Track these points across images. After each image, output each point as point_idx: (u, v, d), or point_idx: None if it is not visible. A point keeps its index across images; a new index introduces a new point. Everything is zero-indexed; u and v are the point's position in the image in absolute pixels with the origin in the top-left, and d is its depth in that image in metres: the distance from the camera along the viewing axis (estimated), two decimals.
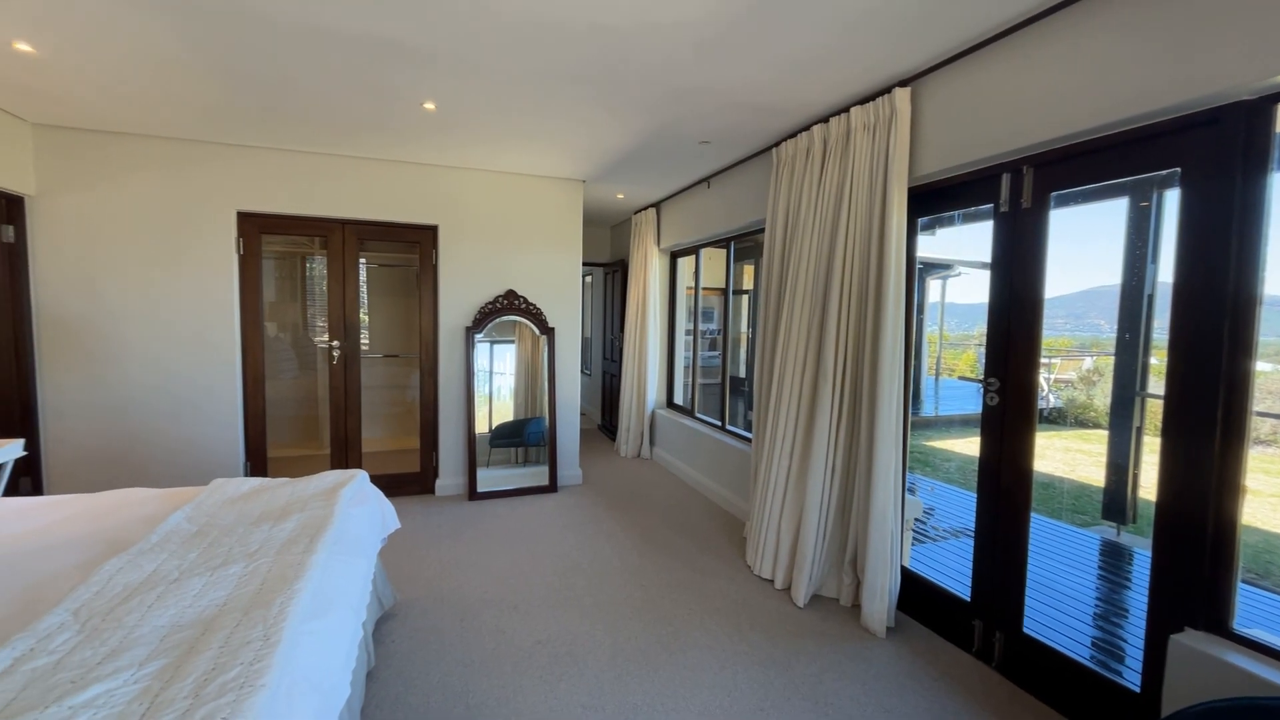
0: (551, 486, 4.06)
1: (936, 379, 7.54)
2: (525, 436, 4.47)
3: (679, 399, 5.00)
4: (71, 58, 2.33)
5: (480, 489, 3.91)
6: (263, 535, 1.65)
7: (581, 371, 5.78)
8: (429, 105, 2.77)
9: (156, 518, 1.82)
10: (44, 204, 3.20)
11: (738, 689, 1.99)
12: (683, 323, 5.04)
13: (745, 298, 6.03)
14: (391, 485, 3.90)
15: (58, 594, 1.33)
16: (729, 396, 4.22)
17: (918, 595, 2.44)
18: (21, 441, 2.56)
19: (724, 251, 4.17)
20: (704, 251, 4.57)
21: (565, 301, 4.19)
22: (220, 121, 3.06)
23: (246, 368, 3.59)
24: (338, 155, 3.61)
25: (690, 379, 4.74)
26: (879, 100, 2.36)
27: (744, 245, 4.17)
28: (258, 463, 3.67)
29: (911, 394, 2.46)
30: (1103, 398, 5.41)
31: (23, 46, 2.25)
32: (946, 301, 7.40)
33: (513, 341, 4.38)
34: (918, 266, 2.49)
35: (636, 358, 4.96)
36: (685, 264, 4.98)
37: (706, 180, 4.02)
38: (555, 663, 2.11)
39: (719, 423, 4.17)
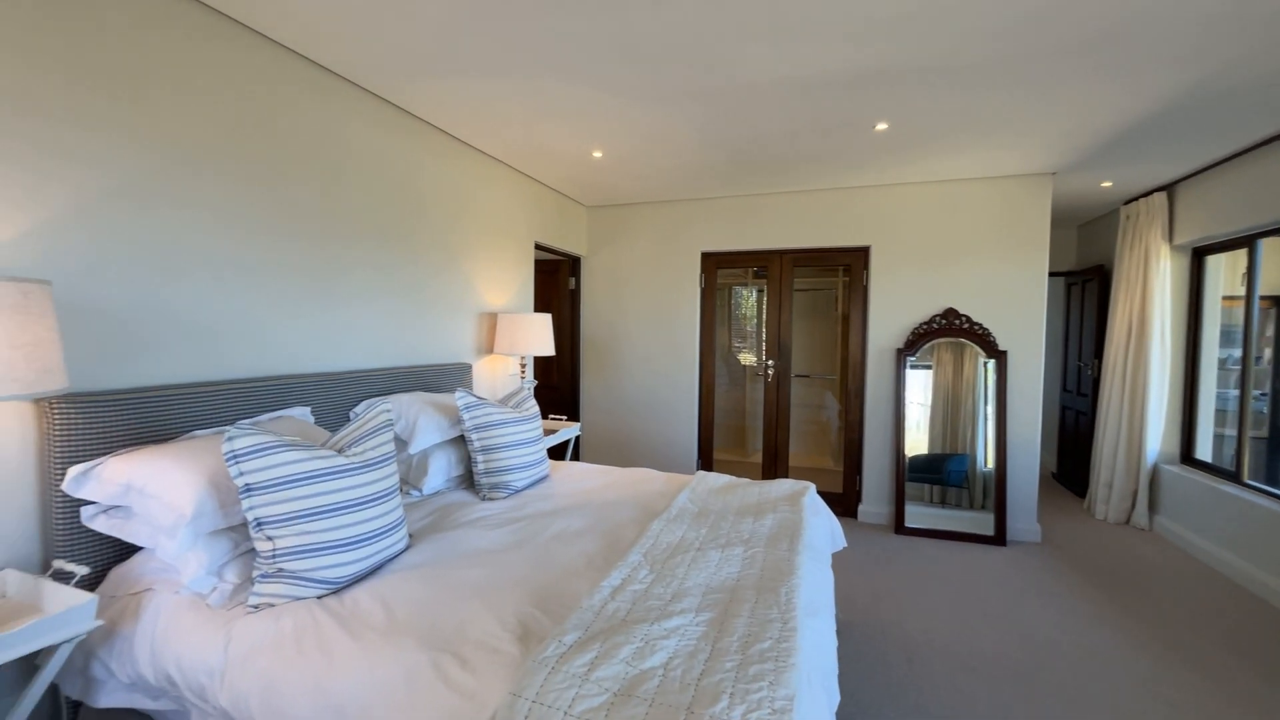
0: (998, 539, 3.44)
1: None
2: (944, 474, 3.95)
3: (1204, 454, 3.55)
4: (619, 155, 3.26)
5: (908, 523, 3.63)
6: (749, 526, 1.88)
7: None
8: (881, 126, 2.75)
9: (667, 494, 2.31)
10: (590, 261, 4.59)
11: None
12: (1213, 348, 3.57)
13: None
14: None
15: (627, 538, 1.81)
16: None
17: None
18: (579, 424, 3.70)
19: None
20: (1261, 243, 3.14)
21: (1023, 320, 3.53)
22: (694, 181, 3.78)
23: (702, 381, 4.31)
24: (779, 192, 3.99)
25: (1238, 429, 3.26)
26: None
27: None
28: (706, 461, 4.34)
29: None
30: None
31: (596, 154, 3.27)
32: None
33: (928, 366, 3.94)
34: None
35: (1127, 392, 3.77)
36: (1221, 264, 3.54)
37: None
38: None
39: None
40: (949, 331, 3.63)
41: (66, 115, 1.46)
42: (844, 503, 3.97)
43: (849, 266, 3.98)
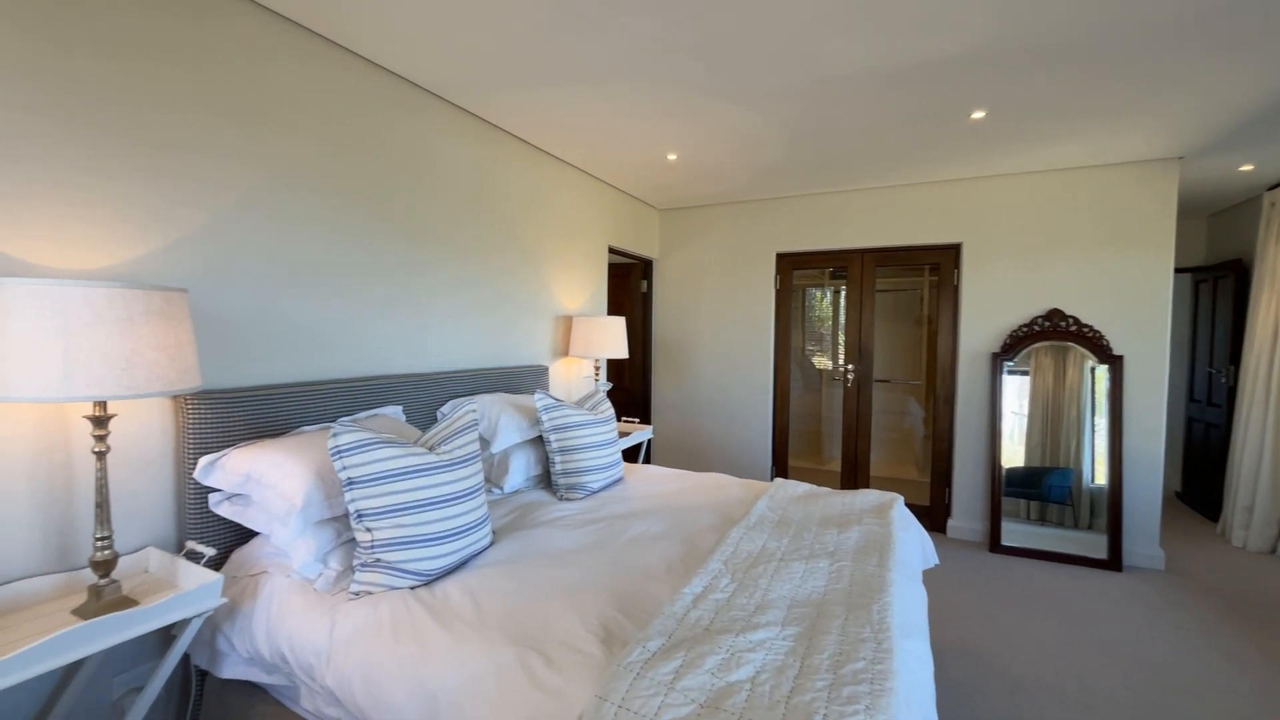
0: (1113, 563, 3.11)
1: None
2: (1044, 489, 3.61)
3: None
4: (693, 156, 3.23)
5: (1004, 541, 3.36)
6: (833, 538, 1.79)
7: None
8: (977, 114, 2.57)
9: (744, 501, 2.26)
10: (662, 264, 4.59)
11: None
12: None
13: None
14: None
15: (706, 544, 1.78)
16: None
17: None
18: (651, 427, 3.70)
19: None
20: None
21: (1143, 321, 3.18)
22: (769, 180, 3.69)
23: (777, 385, 4.20)
24: (861, 189, 3.82)
25: None
26: None
27: None
28: (781, 467, 4.22)
29: None
30: None
31: (671, 156, 3.26)
32: None
33: (1025, 372, 3.62)
34: None
35: (1272, 403, 3.31)
36: None
37: None
38: None
39: None
40: (1054, 334, 3.33)
41: (199, 143, 1.62)
42: (931, 516, 3.73)
43: (937, 265, 3.75)
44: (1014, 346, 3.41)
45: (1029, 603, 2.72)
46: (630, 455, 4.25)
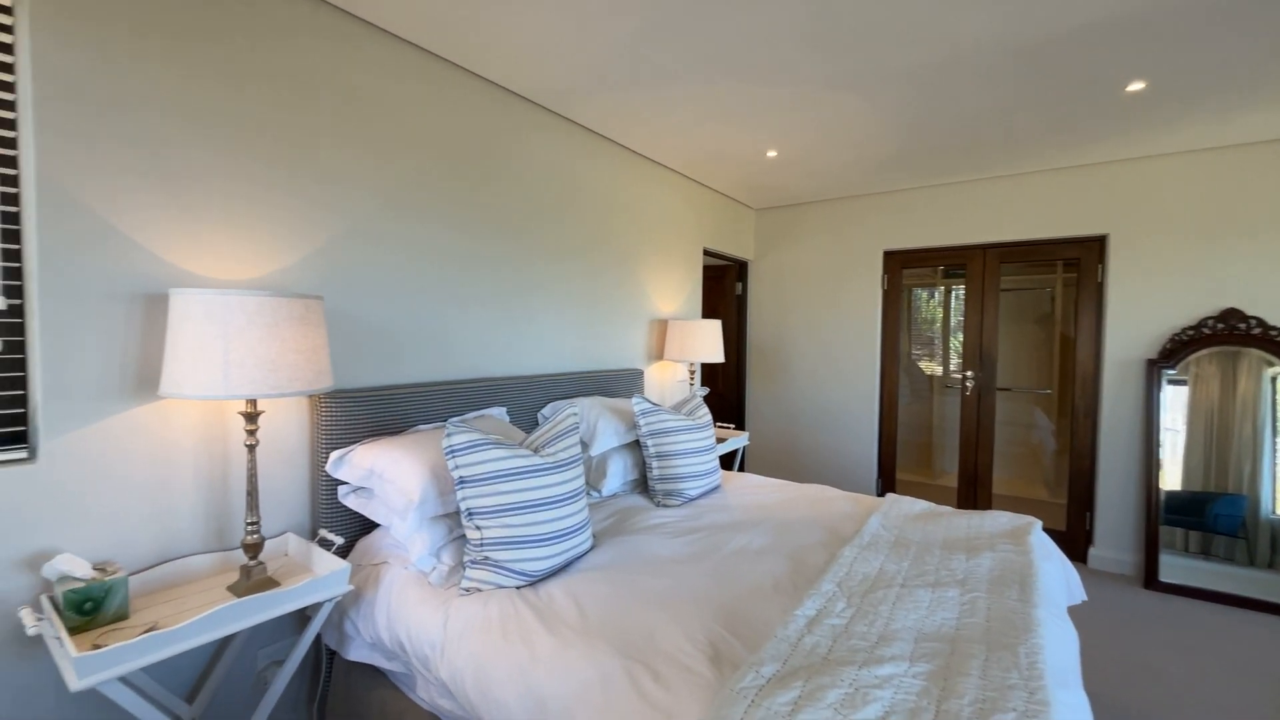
0: None
1: None
2: (1209, 519, 3.07)
3: None
4: (795, 153, 3.09)
5: (1163, 577, 2.91)
6: (961, 565, 1.62)
7: None
8: (1134, 86, 2.24)
9: (854, 517, 2.10)
10: (757, 265, 4.45)
11: None
12: None
13: None
14: None
15: (815, 562, 1.67)
16: None
17: None
18: (747, 433, 3.58)
19: None
20: None
21: None
22: (877, 173, 3.45)
23: (883, 392, 3.92)
24: (982, 179, 3.48)
25: None
26: None
27: None
28: (888, 481, 3.94)
29: None
30: None
31: (771, 153, 3.14)
32: None
33: (1183, 382, 3.09)
34: None
35: None
36: None
37: None
38: None
39: None
40: (1230, 338, 2.84)
41: (331, 160, 1.76)
42: (1069, 544, 3.31)
43: (1075, 261, 3.33)
44: (1176, 352, 2.95)
45: (1200, 652, 2.32)
46: (725, 462, 4.15)
